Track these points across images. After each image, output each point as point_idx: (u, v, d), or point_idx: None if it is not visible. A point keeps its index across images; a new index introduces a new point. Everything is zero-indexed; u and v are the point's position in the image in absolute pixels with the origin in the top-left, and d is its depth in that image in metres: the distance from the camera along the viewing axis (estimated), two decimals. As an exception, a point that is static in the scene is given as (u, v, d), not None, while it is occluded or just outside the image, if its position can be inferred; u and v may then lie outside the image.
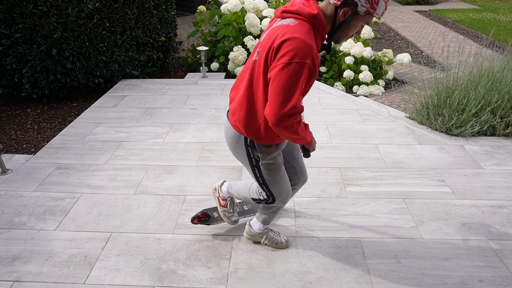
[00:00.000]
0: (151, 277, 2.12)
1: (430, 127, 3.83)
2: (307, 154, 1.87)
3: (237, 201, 2.48)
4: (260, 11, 5.92)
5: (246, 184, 2.17)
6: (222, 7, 5.80)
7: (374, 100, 4.85)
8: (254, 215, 2.46)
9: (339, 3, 1.57)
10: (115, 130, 3.84)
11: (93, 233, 2.45)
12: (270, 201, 2.03)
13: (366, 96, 5.00)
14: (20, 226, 2.52)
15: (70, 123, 4.13)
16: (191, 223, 2.47)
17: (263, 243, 2.32)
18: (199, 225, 2.49)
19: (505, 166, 3.17)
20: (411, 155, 3.33)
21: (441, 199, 2.76)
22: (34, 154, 3.42)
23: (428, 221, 2.54)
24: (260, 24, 5.52)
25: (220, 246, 2.34)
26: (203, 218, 2.38)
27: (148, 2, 5.09)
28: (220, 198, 2.30)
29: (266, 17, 5.71)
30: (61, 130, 3.97)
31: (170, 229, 2.49)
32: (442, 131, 3.74)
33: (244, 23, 5.69)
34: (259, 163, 1.87)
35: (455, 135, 3.67)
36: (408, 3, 13.02)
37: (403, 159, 3.28)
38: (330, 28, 1.66)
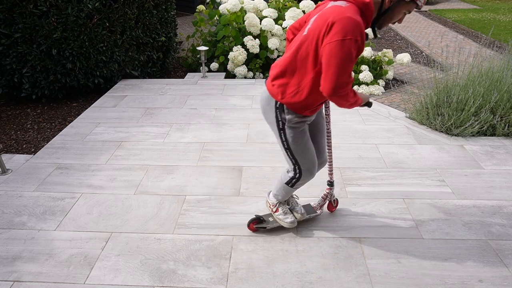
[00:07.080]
0: (151, 277, 2.12)
1: (430, 127, 3.83)
2: (369, 104, 2.11)
3: (287, 205, 2.47)
4: (260, 11, 5.91)
5: (278, 175, 2.30)
6: (221, 7, 5.79)
7: (374, 100, 4.85)
8: (314, 214, 2.51)
9: None
10: (115, 130, 3.84)
11: (93, 233, 2.45)
12: (298, 173, 2.13)
13: (366, 96, 4.99)
14: (20, 226, 2.52)
15: (70, 123, 4.13)
16: (247, 227, 2.47)
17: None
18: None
19: (505, 166, 3.17)
20: (411, 155, 3.33)
21: (441, 199, 2.76)
22: (34, 154, 3.42)
23: (428, 221, 2.54)
24: (260, 24, 5.52)
25: (220, 246, 2.34)
26: (256, 222, 2.43)
27: (148, 2, 5.08)
28: (270, 205, 2.39)
29: (266, 17, 5.70)
30: (61, 130, 3.97)
31: (170, 229, 2.49)
32: (442, 131, 3.74)
33: (243, 23, 5.68)
34: (285, 126, 2.00)
35: (455, 135, 3.67)
36: (408, 3, 13.01)
37: (403, 159, 3.28)
38: (375, 15, 1.82)
